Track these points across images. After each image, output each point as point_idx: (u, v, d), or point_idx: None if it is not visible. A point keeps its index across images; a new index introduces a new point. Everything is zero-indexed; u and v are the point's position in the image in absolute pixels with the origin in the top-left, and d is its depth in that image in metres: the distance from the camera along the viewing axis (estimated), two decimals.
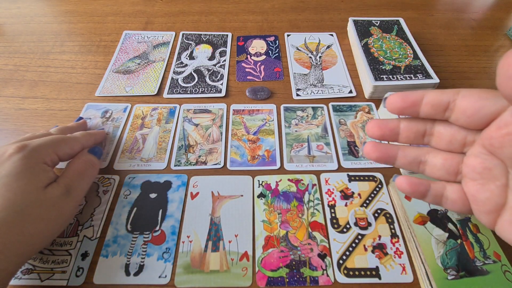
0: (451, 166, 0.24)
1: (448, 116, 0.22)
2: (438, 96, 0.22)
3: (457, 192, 0.23)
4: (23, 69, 0.46)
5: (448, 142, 0.24)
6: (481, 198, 0.22)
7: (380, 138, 0.25)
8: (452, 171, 0.24)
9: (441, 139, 0.24)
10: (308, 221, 0.31)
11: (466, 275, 0.27)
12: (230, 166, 0.36)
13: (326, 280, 0.28)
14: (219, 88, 0.44)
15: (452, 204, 0.24)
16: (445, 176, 0.24)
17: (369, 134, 0.25)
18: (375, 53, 0.44)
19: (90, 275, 0.28)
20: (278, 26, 0.54)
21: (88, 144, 0.34)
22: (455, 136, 0.23)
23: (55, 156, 0.29)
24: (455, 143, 0.23)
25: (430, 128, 0.24)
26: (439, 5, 0.60)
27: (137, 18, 0.56)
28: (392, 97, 0.24)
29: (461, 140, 0.23)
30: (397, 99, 0.23)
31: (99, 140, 0.37)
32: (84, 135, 0.34)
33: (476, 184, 0.22)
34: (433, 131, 0.24)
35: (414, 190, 0.24)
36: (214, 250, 0.30)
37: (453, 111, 0.22)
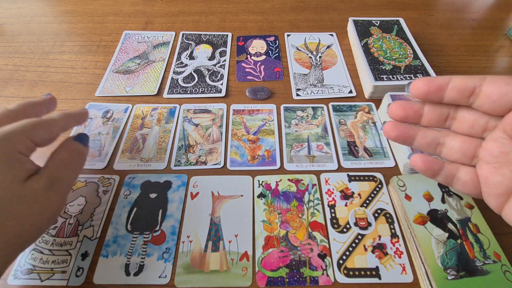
0: (468, 149, 0.24)
1: (472, 102, 0.23)
2: (465, 81, 0.22)
3: (469, 174, 0.24)
4: (23, 69, 0.46)
5: (469, 127, 0.24)
6: (493, 181, 0.22)
7: (403, 119, 0.25)
8: (469, 154, 0.24)
9: (463, 124, 0.24)
10: (308, 221, 0.31)
11: (466, 275, 0.27)
12: (230, 166, 0.36)
13: (326, 280, 0.28)
14: (219, 88, 0.44)
15: (462, 185, 0.24)
16: (461, 158, 0.25)
17: (392, 114, 0.25)
18: (375, 53, 0.44)
19: (90, 275, 0.28)
20: (278, 26, 0.54)
21: (68, 126, 0.30)
22: (477, 121, 0.23)
23: (30, 143, 0.25)
24: (477, 128, 0.24)
25: (454, 113, 0.24)
26: (439, 5, 0.60)
27: (137, 18, 0.56)
28: (417, 81, 0.24)
29: (483, 125, 0.23)
30: (422, 83, 0.23)
31: (80, 120, 0.33)
32: (62, 116, 0.29)
33: (491, 167, 0.23)
34: (456, 115, 0.24)
35: (428, 168, 0.25)
36: (214, 250, 0.30)
37: (478, 96, 0.22)
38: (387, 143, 0.38)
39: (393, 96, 0.38)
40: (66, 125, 0.30)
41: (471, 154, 0.24)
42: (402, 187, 0.32)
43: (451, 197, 0.32)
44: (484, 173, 0.23)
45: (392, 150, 0.37)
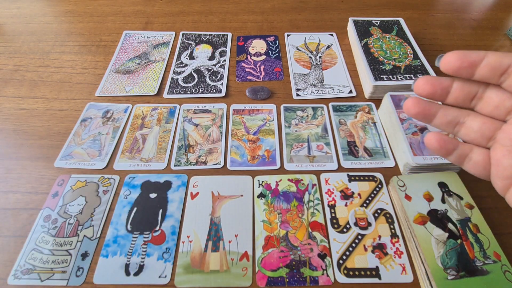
0: (487, 130, 0.24)
1: (503, 81, 0.22)
2: (500, 58, 0.22)
3: (482, 155, 0.24)
4: (23, 69, 0.46)
5: (494, 108, 0.24)
6: (504, 164, 0.22)
7: (430, 96, 0.25)
8: (487, 136, 0.24)
9: (489, 104, 0.24)
10: (308, 221, 0.31)
11: (466, 275, 0.27)
12: (230, 166, 0.36)
13: (326, 280, 0.28)
14: (219, 88, 0.44)
15: (473, 165, 0.24)
16: (479, 139, 0.24)
17: (419, 90, 0.25)
18: (375, 53, 0.44)
19: (90, 275, 0.28)
20: (278, 26, 0.54)
21: None
22: (504, 102, 0.23)
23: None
24: (502, 109, 0.23)
25: (482, 92, 0.24)
26: (439, 5, 0.60)
27: (137, 18, 0.56)
28: (450, 55, 0.23)
29: (508, 107, 0.23)
30: (456, 57, 0.23)
31: None
32: None
33: (506, 150, 0.23)
34: (484, 95, 0.24)
35: (442, 147, 0.25)
36: (214, 250, 0.30)
37: (510, 75, 0.22)
38: (387, 143, 0.38)
39: (393, 96, 0.38)
40: None
41: (488, 135, 0.24)
42: (402, 187, 0.32)
43: (451, 197, 0.32)
44: (497, 154, 0.23)
45: (392, 150, 0.37)
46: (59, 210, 0.32)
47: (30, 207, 0.32)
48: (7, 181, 0.34)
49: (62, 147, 0.37)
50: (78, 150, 0.37)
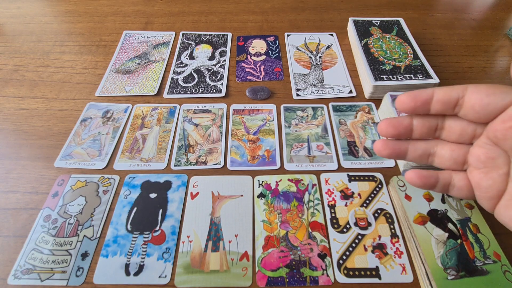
0: (458, 156, 0.25)
1: (458, 112, 0.24)
2: (448, 93, 0.23)
3: (463, 180, 0.25)
4: (23, 69, 0.46)
5: (458, 135, 0.25)
6: (484, 185, 0.23)
7: (395, 137, 0.26)
8: (459, 161, 0.25)
9: (452, 133, 0.25)
10: (308, 221, 0.31)
11: (466, 275, 0.27)
12: (230, 166, 0.36)
13: (326, 280, 0.28)
14: (219, 88, 0.44)
15: (458, 191, 0.25)
16: (453, 166, 0.25)
17: (383, 133, 0.26)
18: (375, 53, 0.44)
19: (90, 275, 0.28)
20: (278, 26, 0.54)
21: None
22: (465, 129, 0.24)
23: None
24: (465, 136, 0.24)
25: (442, 123, 0.25)
26: (439, 5, 0.60)
27: (137, 18, 0.56)
28: (401, 97, 0.24)
29: (471, 133, 0.24)
30: (407, 99, 0.24)
31: None
32: None
33: (480, 172, 0.24)
34: (444, 125, 0.25)
35: (425, 183, 0.26)
36: (214, 250, 0.30)
37: (462, 107, 0.23)
38: None
39: (393, 96, 0.38)
40: None
41: (461, 160, 0.25)
42: (402, 187, 0.32)
43: (451, 197, 0.32)
44: (474, 178, 0.24)
45: None
46: (59, 210, 0.32)
47: (30, 207, 0.32)
48: (7, 181, 0.34)
49: (62, 147, 0.37)
50: (78, 150, 0.37)
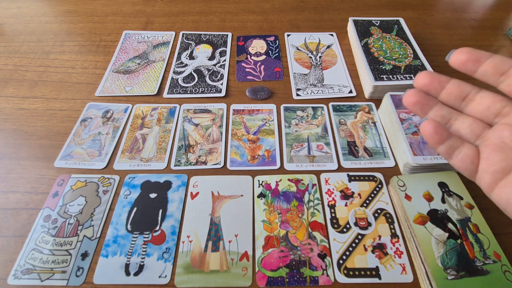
0: (477, 128, 0.26)
1: (502, 81, 0.24)
2: (503, 60, 0.24)
3: (471, 149, 0.26)
4: (23, 69, 0.46)
5: (485, 108, 0.25)
6: (495, 158, 0.24)
7: (426, 86, 0.27)
8: (476, 133, 0.26)
9: (480, 105, 0.26)
10: (308, 221, 0.31)
11: (466, 275, 0.27)
12: (230, 166, 0.36)
13: (326, 280, 0.28)
14: (219, 88, 0.44)
15: (462, 158, 0.26)
16: (468, 135, 0.26)
17: (418, 81, 0.27)
18: (375, 53, 0.44)
19: (90, 275, 0.28)
20: (278, 26, 0.54)
21: None
22: (495, 104, 0.25)
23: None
24: (492, 111, 0.25)
25: (474, 94, 0.26)
26: (439, 5, 0.60)
27: (137, 18, 0.56)
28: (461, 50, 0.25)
29: (498, 109, 0.25)
30: (465, 51, 0.25)
31: None
32: None
33: (496, 145, 0.24)
34: (475, 97, 0.26)
35: (437, 132, 0.26)
36: (214, 250, 0.30)
37: (509, 77, 0.24)
38: (387, 143, 0.38)
39: (393, 96, 0.38)
40: None
41: (478, 133, 0.26)
42: (402, 187, 0.32)
43: (451, 197, 0.32)
44: (487, 149, 0.25)
45: (392, 150, 0.37)
46: (59, 210, 0.32)
47: (30, 207, 0.32)
48: (7, 181, 0.34)
49: (62, 147, 0.37)
50: (78, 150, 0.37)
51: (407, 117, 0.36)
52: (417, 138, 0.34)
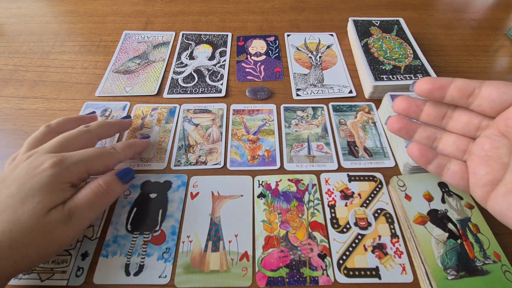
0: (461, 144, 0.27)
1: (471, 102, 0.25)
2: (467, 83, 0.25)
3: (459, 165, 0.27)
4: (23, 69, 0.46)
5: (464, 125, 0.27)
6: (481, 172, 0.25)
7: (405, 111, 0.29)
8: (461, 149, 0.27)
9: (459, 122, 0.27)
10: (308, 221, 0.31)
11: (466, 275, 0.27)
12: (230, 166, 0.36)
13: (326, 280, 0.28)
14: (219, 88, 0.44)
15: (451, 175, 0.27)
16: (454, 152, 0.27)
17: (396, 106, 0.29)
18: (375, 53, 0.44)
19: (90, 275, 0.28)
20: (278, 26, 0.54)
21: (125, 158, 0.32)
22: (472, 120, 0.26)
23: (85, 174, 0.28)
24: (471, 126, 0.26)
25: (451, 112, 0.27)
26: (439, 5, 0.60)
27: (137, 18, 0.56)
28: (422, 80, 0.27)
29: (476, 124, 0.26)
30: (427, 82, 0.26)
31: (140, 150, 0.35)
32: (124, 148, 0.31)
33: (481, 159, 0.25)
34: (453, 114, 0.27)
35: (423, 155, 0.27)
36: (214, 250, 0.30)
37: (477, 97, 0.25)
38: (387, 143, 0.38)
39: (393, 96, 0.38)
40: (125, 157, 0.32)
41: (463, 148, 0.27)
42: (402, 187, 0.32)
43: (451, 197, 0.32)
44: (473, 164, 0.26)
45: (392, 150, 0.37)
46: None
47: None
48: None
49: None
50: None
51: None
52: None
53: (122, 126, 0.36)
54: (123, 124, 0.36)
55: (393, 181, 0.33)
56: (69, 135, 0.30)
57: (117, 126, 0.35)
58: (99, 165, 0.29)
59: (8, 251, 0.22)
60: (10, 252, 0.22)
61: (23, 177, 0.25)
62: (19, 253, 0.23)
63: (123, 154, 0.31)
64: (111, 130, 0.34)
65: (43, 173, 0.25)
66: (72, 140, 0.29)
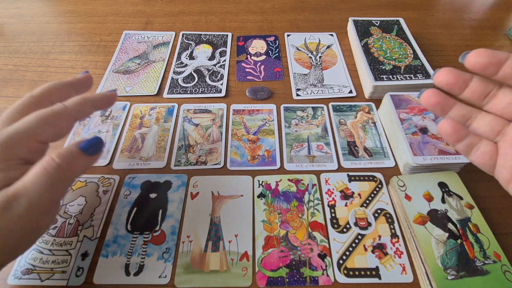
0: (497, 125, 0.26)
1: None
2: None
3: (490, 146, 0.26)
4: (23, 69, 0.46)
5: (506, 105, 0.25)
6: (511, 154, 0.24)
7: (449, 85, 0.26)
8: (496, 130, 0.26)
9: (501, 101, 0.25)
10: (308, 221, 0.31)
11: (466, 275, 0.27)
12: (230, 166, 0.36)
13: (326, 280, 0.28)
14: (219, 88, 0.44)
15: (481, 155, 0.26)
16: (488, 132, 0.26)
17: (441, 79, 0.26)
18: (375, 53, 0.44)
19: (90, 275, 0.28)
20: (278, 26, 0.54)
21: (81, 116, 0.26)
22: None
23: (35, 143, 0.23)
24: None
25: (496, 90, 0.26)
26: (439, 5, 0.60)
27: (137, 18, 0.56)
28: (477, 52, 0.25)
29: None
30: (485, 54, 0.24)
31: (103, 105, 0.28)
32: (76, 103, 0.25)
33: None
34: (498, 93, 0.26)
35: (456, 131, 0.26)
36: (214, 250, 0.30)
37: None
38: (387, 143, 0.38)
39: (393, 96, 0.38)
40: (79, 113, 0.26)
41: (498, 129, 0.26)
42: (402, 187, 0.32)
43: (451, 197, 0.32)
44: (505, 145, 0.25)
45: (392, 150, 0.37)
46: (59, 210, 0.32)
47: None
48: None
49: (62, 147, 0.37)
50: None
51: (407, 117, 0.36)
52: (417, 138, 0.34)
53: (77, 84, 0.29)
54: (78, 81, 0.29)
55: (393, 181, 0.33)
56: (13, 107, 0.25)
57: (70, 84, 0.28)
58: (48, 129, 0.24)
59: None
60: None
61: None
62: None
63: (76, 110, 0.25)
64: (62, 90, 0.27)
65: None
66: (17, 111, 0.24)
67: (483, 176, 0.35)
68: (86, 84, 0.30)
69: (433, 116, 0.36)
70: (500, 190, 0.28)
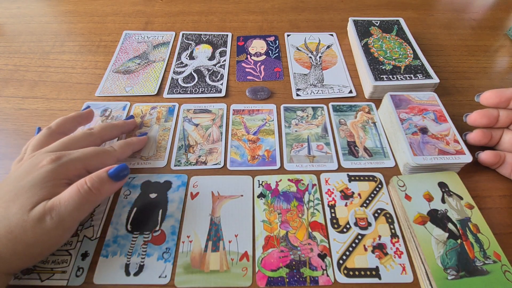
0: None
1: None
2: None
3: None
4: (23, 69, 0.46)
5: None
6: None
7: (487, 125, 0.33)
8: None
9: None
10: (308, 221, 0.31)
11: (466, 275, 0.27)
12: (230, 166, 0.36)
13: (326, 280, 0.28)
14: (219, 88, 0.44)
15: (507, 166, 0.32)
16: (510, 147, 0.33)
17: (477, 123, 0.33)
18: (375, 53, 0.44)
19: (90, 275, 0.28)
20: (278, 26, 0.54)
21: (123, 157, 0.33)
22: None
23: (83, 171, 0.28)
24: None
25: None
26: (439, 5, 0.60)
27: (137, 18, 0.56)
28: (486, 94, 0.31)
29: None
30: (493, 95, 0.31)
31: (138, 148, 0.36)
32: (122, 146, 0.32)
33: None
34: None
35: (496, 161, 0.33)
36: (214, 250, 0.30)
37: None
38: (387, 143, 0.38)
39: (393, 96, 0.38)
40: (122, 155, 0.32)
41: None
42: (402, 187, 0.32)
43: (451, 197, 0.32)
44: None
45: (392, 150, 0.37)
46: None
47: None
48: None
49: None
50: None
51: (407, 117, 0.36)
52: (417, 138, 0.34)
53: (125, 128, 0.37)
54: (126, 125, 0.37)
55: (393, 181, 0.33)
56: (72, 137, 0.30)
57: (120, 127, 0.36)
58: (96, 162, 0.29)
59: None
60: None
61: (23, 174, 0.26)
62: (6, 249, 0.23)
63: (121, 152, 0.32)
64: (114, 131, 0.35)
65: (41, 169, 0.26)
66: (75, 141, 0.30)
67: (483, 176, 0.35)
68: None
69: (433, 116, 0.36)
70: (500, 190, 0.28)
